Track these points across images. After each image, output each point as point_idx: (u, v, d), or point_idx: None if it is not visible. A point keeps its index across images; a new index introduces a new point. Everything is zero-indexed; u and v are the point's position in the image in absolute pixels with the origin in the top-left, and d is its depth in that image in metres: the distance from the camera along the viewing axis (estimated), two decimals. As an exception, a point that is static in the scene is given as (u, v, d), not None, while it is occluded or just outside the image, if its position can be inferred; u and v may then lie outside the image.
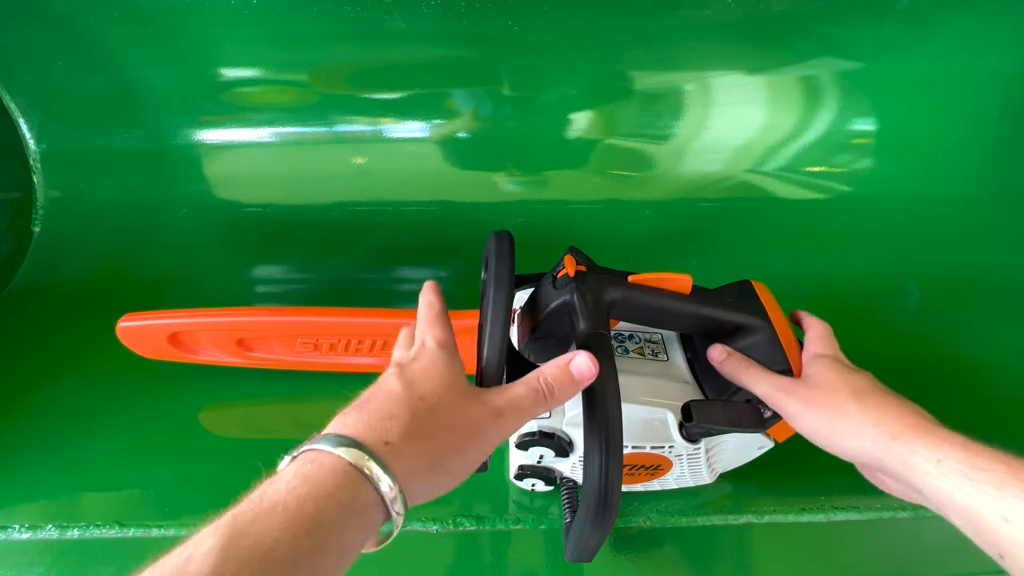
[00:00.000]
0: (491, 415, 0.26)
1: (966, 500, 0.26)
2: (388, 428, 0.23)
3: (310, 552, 0.19)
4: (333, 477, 0.21)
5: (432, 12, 0.61)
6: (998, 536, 0.25)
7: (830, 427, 0.32)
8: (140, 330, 0.50)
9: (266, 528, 0.19)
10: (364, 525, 0.21)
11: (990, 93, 0.71)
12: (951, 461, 0.27)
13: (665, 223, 0.72)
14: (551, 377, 0.28)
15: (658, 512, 0.45)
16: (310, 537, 0.19)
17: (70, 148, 0.69)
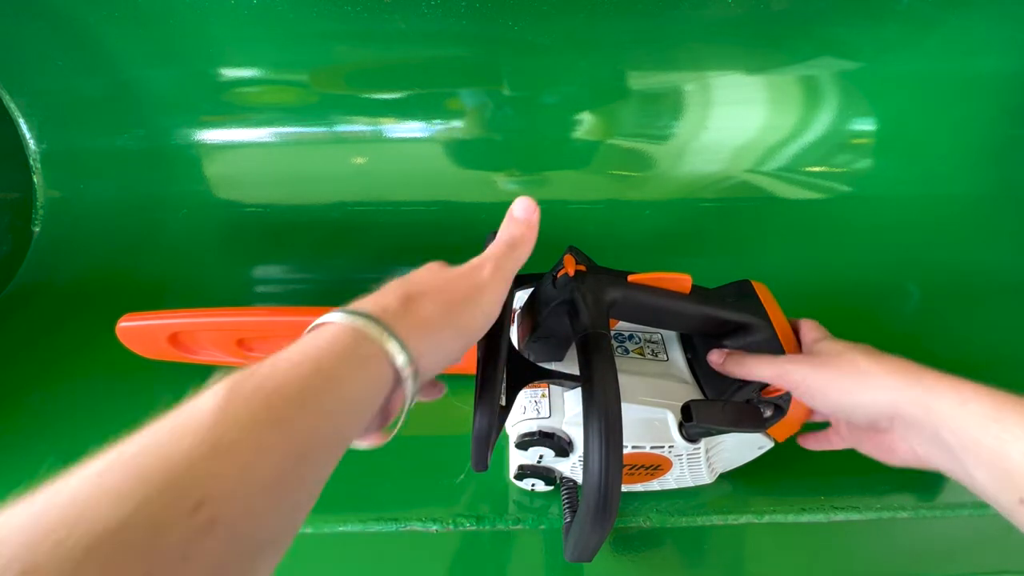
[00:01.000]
0: (478, 267, 0.28)
1: (992, 442, 0.26)
2: (384, 299, 0.24)
3: (318, 391, 0.19)
4: (333, 335, 0.21)
5: (432, 12, 0.61)
6: (1022, 477, 0.25)
7: (841, 385, 0.32)
8: (140, 330, 0.50)
9: (270, 373, 0.18)
10: (372, 376, 0.21)
11: (990, 93, 0.71)
12: (976, 403, 0.27)
13: (665, 223, 0.72)
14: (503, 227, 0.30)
15: (658, 512, 0.45)
16: (318, 376, 0.19)
17: (70, 148, 0.69)
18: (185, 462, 0.15)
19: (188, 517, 0.14)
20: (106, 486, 0.14)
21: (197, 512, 0.14)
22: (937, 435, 0.28)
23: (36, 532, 0.13)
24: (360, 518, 0.44)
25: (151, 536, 0.14)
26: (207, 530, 0.15)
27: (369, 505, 0.45)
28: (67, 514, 0.13)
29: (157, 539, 0.14)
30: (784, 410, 0.37)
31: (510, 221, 0.31)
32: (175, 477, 0.15)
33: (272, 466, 0.17)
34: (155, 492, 0.14)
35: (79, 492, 0.14)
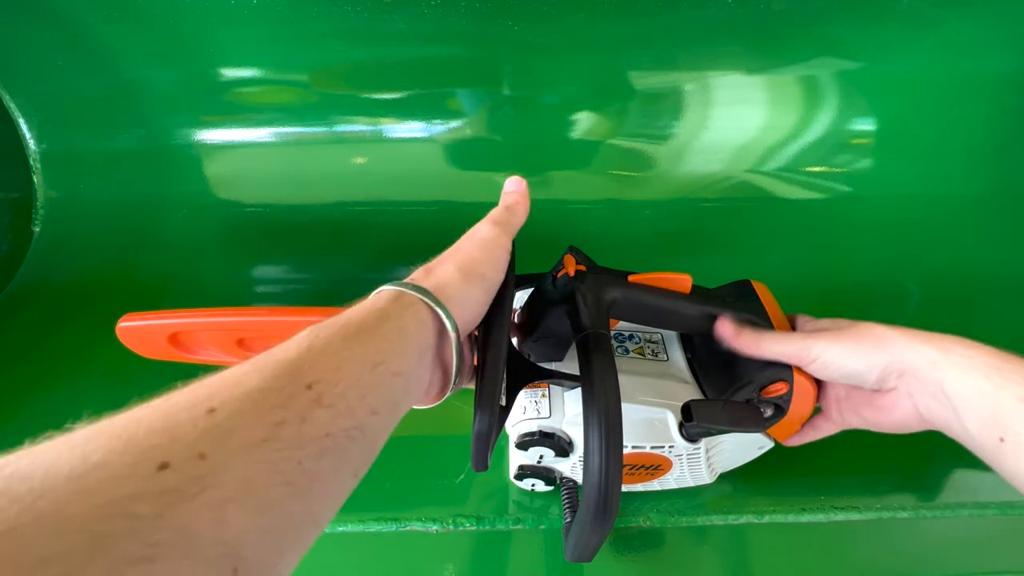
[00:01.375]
0: (479, 226, 0.33)
1: (989, 388, 0.28)
2: (414, 274, 0.30)
3: (377, 323, 0.24)
4: (378, 296, 0.27)
5: (432, 12, 0.61)
6: (1008, 416, 0.27)
7: (861, 349, 0.33)
8: (140, 330, 0.50)
9: (339, 316, 0.24)
10: (415, 316, 0.26)
11: (990, 93, 0.71)
12: (983, 357, 0.30)
13: (665, 223, 0.72)
14: (500, 199, 0.36)
15: (658, 512, 0.45)
16: (375, 315, 0.25)
17: (70, 148, 0.69)
18: (295, 360, 0.21)
19: (305, 391, 0.20)
20: (246, 371, 0.20)
21: (310, 389, 0.20)
22: (940, 388, 0.30)
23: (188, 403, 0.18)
24: (360, 518, 0.44)
25: (284, 399, 0.19)
26: (317, 401, 0.20)
27: (369, 505, 0.45)
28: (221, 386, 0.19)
29: (290, 400, 0.19)
30: (784, 410, 0.37)
31: (504, 193, 0.36)
32: (291, 368, 0.20)
33: (355, 367, 0.22)
34: (282, 374, 0.20)
35: (230, 374, 0.19)
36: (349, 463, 0.21)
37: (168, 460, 0.15)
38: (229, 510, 0.16)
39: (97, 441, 0.15)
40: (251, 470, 0.17)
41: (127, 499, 0.14)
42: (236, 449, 0.17)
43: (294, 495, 0.18)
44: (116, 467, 0.15)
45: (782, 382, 0.37)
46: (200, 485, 0.15)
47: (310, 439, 0.19)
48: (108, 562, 0.13)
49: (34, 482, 0.14)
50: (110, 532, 0.14)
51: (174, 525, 0.15)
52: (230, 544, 0.16)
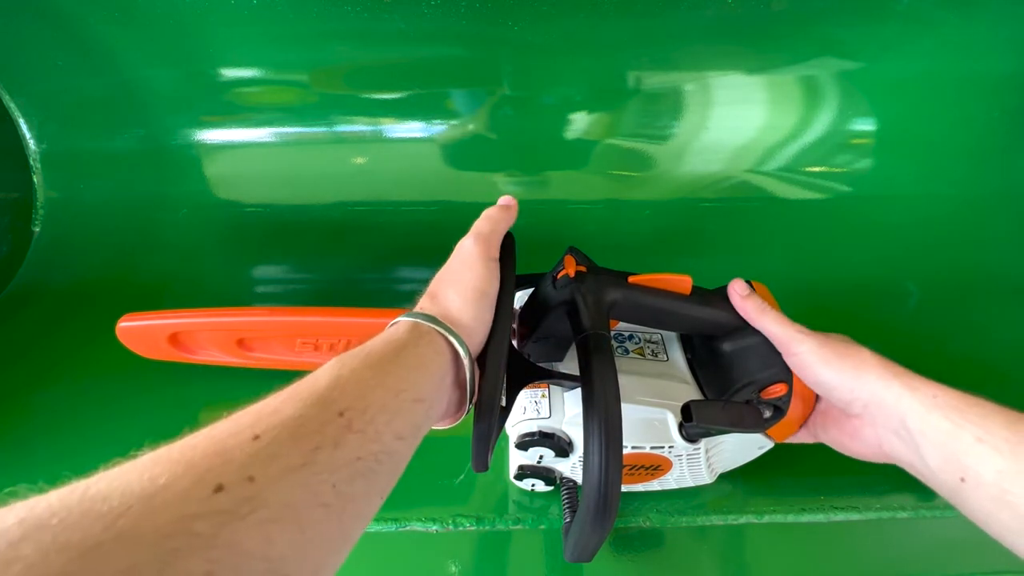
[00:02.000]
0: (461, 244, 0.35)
1: (948, 427, 0.29)
2: (422, 304, 0.32)
3: (398, 353, 0.26)
4: (396, 327, 0.29)
5: (432, 12, 0.61)
6: (968, 456, 0.28)
7: (839, 363, 0.34)
8: (140, 330, 0.50)
9: (363, 347, 0.26)
10: (431, 345, 0.28)
11: (990, 93, 0.71)
12: (946, 398, 0.30)
13: (665, 223, 0.72)
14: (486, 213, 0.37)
15: (658, 512, 0.45)
16: (394, 345, 0.27)
17: (70, 148, 0.69)
18: (326, 389, 0.22)
19: (337, 418, 0.21)
20: (283, 400, 0.21)
21: (342, 416, 0.22)
22: (903, 423, 0.31)
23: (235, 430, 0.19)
24: (360, 518, 0.44)
25: (318, 426, 0.21)
26: (348, 427, 0.21)
27: (369, 505, 0.45)
28: (261, 415, 0.20)
29: (324, 427, 0.21)
30: (783, 411, 0.37)
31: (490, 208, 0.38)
32: (324, 397, 0.22)
33: (381, 395, 0.24)
34: (315, 403, 0.22)
35: (268, 404, 0.21)
36: (377, 485, 0.22)
37: (222, 483, 0.17)
38: (274, 530, 0.17)
39: (161, 465, 0.17)
40: (292, 493, 0.18)
41: (189, 518, 0.16)
42: (279, 473, 0.18)
43: (330, 516, 0.19)
44: (178, 489, 0.16)
45: (781, 383, 0.37)
46: (250, 506, 0.17)
47: (343, 463, 0.20)
48: (175, 574, 0.15)
49: (113, 502, 0.15)
50: (176, 548, 0.15)
51: (228, 543, 0.16)
52: (275, 561, 0.17)
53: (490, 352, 0.31)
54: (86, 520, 0.14)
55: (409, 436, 0.24)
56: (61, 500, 0.15)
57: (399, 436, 0.24)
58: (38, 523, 0.14)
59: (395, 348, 0.26)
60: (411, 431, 0.25)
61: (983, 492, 0.28)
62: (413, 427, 0.25)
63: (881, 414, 0.33)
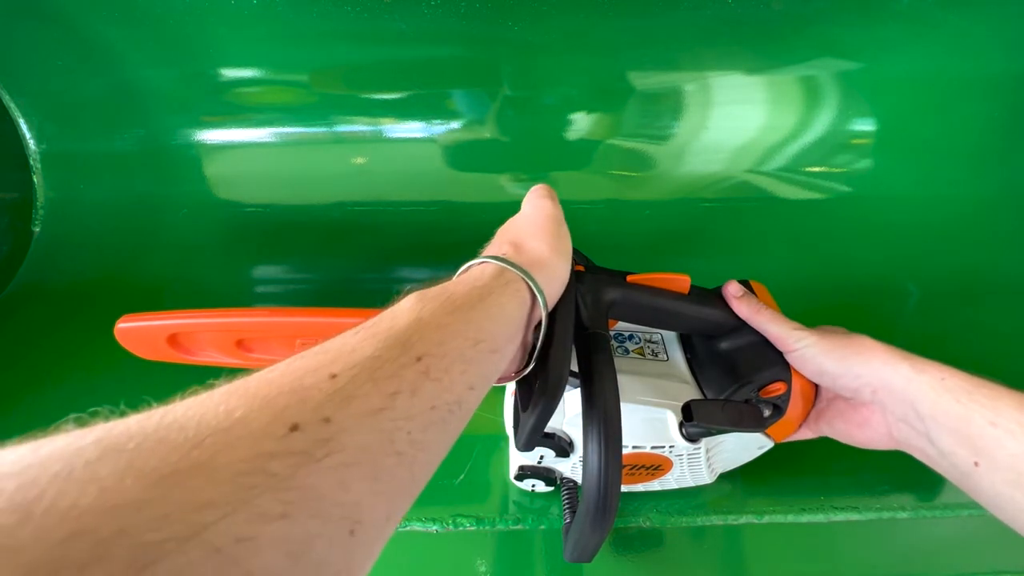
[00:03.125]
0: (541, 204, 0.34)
1: (960, 410, 0.29)
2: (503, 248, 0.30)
3: (481, 298, 0.25)
4: (481, 270, 0.28)
5: (432, 12, 0.61)
6: (981, 440, 0.28)
7: (841, 353, 0.34)
8: (139, 331, 0.50)
9: (444, 287, 0.25)
10: (515, 295, 0.27)
11: (990, 94, 0.71)
12: (955, 380, 0.30)
13: (665, 223, 0.72)
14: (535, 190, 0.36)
15: (658, 512, 0.45)
16: (479, 291, 0.26)
17: (70, 148, 0.69)
18: (406, 330, 0.21)
19: (415, 363, 0.20)
20: (361, 338, 0.21)
21: (419, 361, 0.21)
22: (912, 408, 0.31)
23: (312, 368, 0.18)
24: (360, 518, 0.44)
25: (397, 369, 0.20)
26: (426, 373, 0.20)
27: (369, 505, 0.45)
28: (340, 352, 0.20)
29: (402, 371, 0.20)
30: (783, 410, 0.37)
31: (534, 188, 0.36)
32: (403, 339, 0.21)
33: (459, 343, 0.23)
34: (394, 344, 0.21)
35: (346, 341, 0.21)
36: (447, 436, 0.22)
37: (298, 422, 0.16)
38: (349, 474, 0.17)
39: (237, 398, 0.16)
40: (369, 437, 0.18)
41: (265, 456, 0.15)
42: (356, 416, 0.18)
43: (403, 464, 0.19)
44: (255, 425, 0.16)
45: (781, 382, 0.37)
46: (325, 449, 0.16)
47: (419, 411, 0.20)
48: (251, 514, 0.14)
49: (189, 432, 0.15)
50: (252, 485, 0.14)
51: (303, 485, 0.15)
52: (348, 507, 0.16)
53: (558, 330, 0.30)
54: (162, 448, 0.14)
55: (480, 387, 0.24)
56: (139, 424, 0.15)
57: (471, 387, 0.23)
58: (115, 445, 0.14)
59: (479, 294, 0.25)
60: (482, 382, 0.24)
61: (998, 476, 0.28)
62: (484, 378, 0.24)
63: (890, 399, 0.33)
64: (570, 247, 0.32)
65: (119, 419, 0.15)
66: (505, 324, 0.26)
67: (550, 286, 0.29)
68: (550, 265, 0.29)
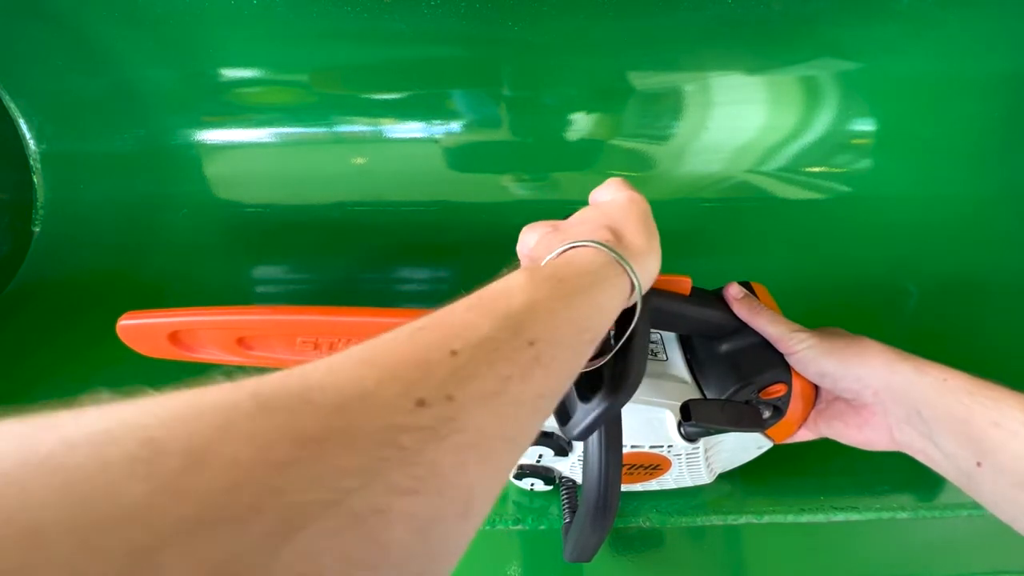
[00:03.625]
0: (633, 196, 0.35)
1: (962, 411, 0.29)
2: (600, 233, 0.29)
3: (589, 288, 0.24)
4: (592, 255, 0.27)
5: (432, 12, 0.61)
6: (984, 441, 0.28)
7: (842, 354, 0.34)
8: (141, 328, 0.50)
9: (555, 267, 0.25)
10: (619, 287, 0.26)
11: (990, 93, 0.71)
12: (957, 381, 0.30)
13: (665, 223, 0.71)
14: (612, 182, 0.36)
15: (657, 512, 0.45)
16: (589, 276, 0.25)
17: (70, 148, 0.69)
18: (520, 313, 0.21)
19: (527, 347, 0.20)
20: (476, 316, 0.20)
21: (532, 346, 0.20)
22: (915, 409, 0.31)
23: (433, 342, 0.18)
24: (360, 518, 0.44)
25: (511, 352, 0.19)
26: (537, 360, 0.20)
27: (369, 505, 0.45)
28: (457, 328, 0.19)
29: (516, 354, 0.19)
30: (783, 411, 0.37)
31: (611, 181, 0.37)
32: (517, 322, 0.20)
33: (568, 331, 0.22)
34: (508, 326, 0.20)
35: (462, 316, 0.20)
36: (541, 422, 0.21)
37: (424, 397, 0.16)
38: (467, 456, 0.16)
39: (368, 368, 0.16)
40: (485, 420, 0.17)
41: (396, 429, 0.15)
42: (476, 397, 0.17)
43: (510, 450, 0.19)
44: (386, 396, 0.15)
45: (781, 383, 0.37)
46: (449, 427, 0.16)
47: (528, 397, 0.19)
48: (386, 485, 0.14)
49: (327, 395, 0.15)
50: (386, 457, 0.14)
51: (429, 462, 0.15)
52: (464, 488, 0.16)
53: (639, 325, 0.30)
54: (308, 409, 0.14)
55: (575, 375, 0.23)
56: (283, 384, 0.15)
57: (570, 375, 0.22)
58: (267, 404, 0.14)
59: (589, 282, 0.25)
60: (578, 372, 0.24)
61: (1000, 478, 0.28)
62: (580, 368, 0.24)
63: (892, 401, 0.32)
64: (659, 242, 0.32)
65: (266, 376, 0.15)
66: (606, 314, 0.26)
67: (645, 279, 0.29)
68: (648, 258, 0.29)
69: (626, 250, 0.28)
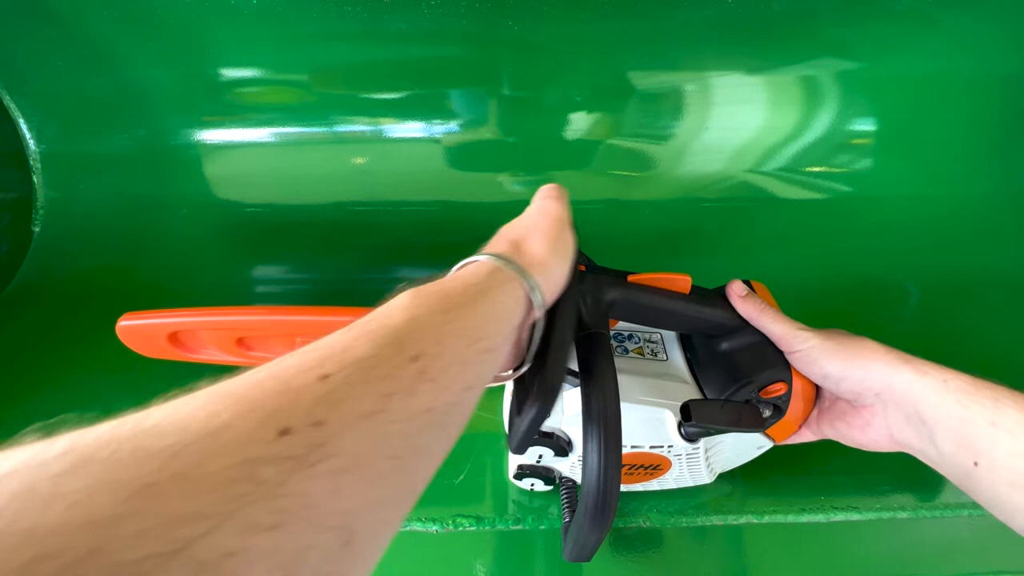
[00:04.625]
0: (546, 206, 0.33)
1: (962, 412, 0.29)
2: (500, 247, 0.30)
3: (476, 297, 0.24)
4: (477, 267, 0.27)
5: (432, 12, 0.61)
6: (981, 440, 0.28)
7: (844, 355, 0.34)
8: (140, 329, 0.50)
9: (441, 284, 0.25)
10: (511, 293, 0.26)
11: (990, 93, 0.71)
12: (957, 382, 0.30)
13: (665, 223, 0.72)
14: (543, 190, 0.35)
15: (657, 512, 0.45)
16: (474, 288, 0.25)
17: (70, 148, 0.69)
18: (401, 329, 0.21)
19: (411, 363, 0.20)
20: (354, 336, 0.20)
21: (416, 361, 0.20)
22: (915, 410, 0.31)
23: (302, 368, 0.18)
24: (360, 518, 0.44)
25: (392, 370, 0.19)
26: (422, 374, 0.20)
27: (369, 505, 0.45)
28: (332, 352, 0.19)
29: (398, 371, 0.19)
30: (783, 411, 0.37)
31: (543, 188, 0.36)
32: (397, 338, 0.20)
33: (455, 342, 0.22)
34: (388, 343, 0.20)
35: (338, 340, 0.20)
36: (446, 438, 0.21)
37: (289, 426, 0.15)
38: (344, 481, 0.16)
39: (222, 401, 0.15)
40: (363, 442, 0.17)
41: (254, 462, 0.14)
42: (350, 419, 0.17)
43: (399, 469, 0.18)
44: (242, 429, 0.15)
45: (781, 383, 0.37)
46: (319, 453, 0.15)
47: (416, 413, 0.19)
48: (240, 525, 0.13)
49: (169, 439, 0.14)
50: (240, 495, 0.14)
51: (296, 492, 0.15)
52: (343, 515, 0.16)
53: (556, 331, 0.30)
54: (139, 456, 0.13)
55: (478, 387, 0.23)
56: (112, 431, 0.14)
57: (469, 387, 0.22)
58: (85, 456, 0.13)
59: (475, 292, 0.25)
60: (480, 383, 0.23)
61: (997, 475, 0.28)
62: (482, 379, 0.24)
63: (893, 402, 0.33)
64: (572, 249, 0.32)
65: (90, 426, 0.14)
66: (501, 323, 0.25)
67: (547, 286, 0.28)
68: (548, 265, 0.29)
69: (524, 259, 0.28)
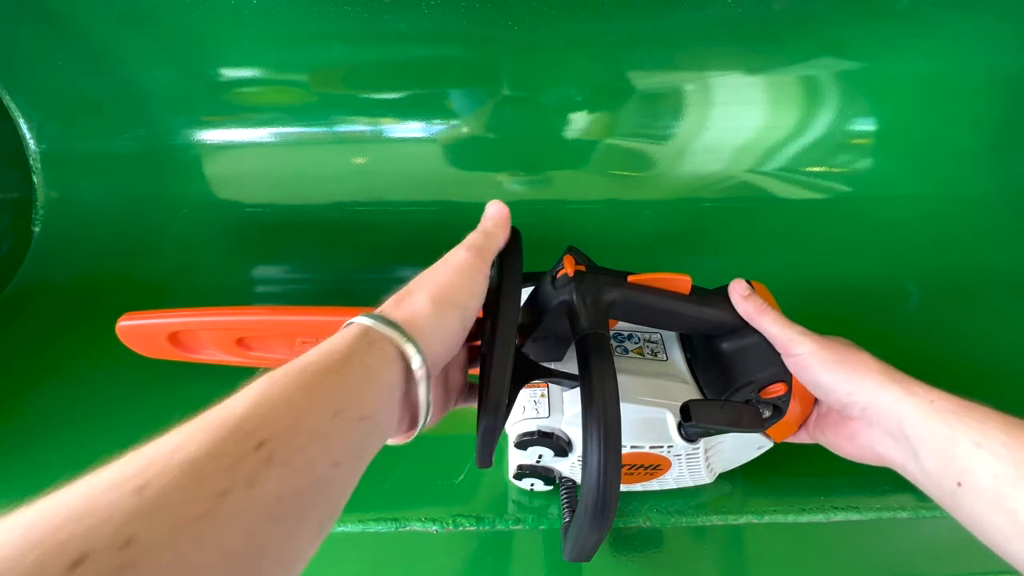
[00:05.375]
0: (454, 252, 0.32)
1: (946, 432, 0.29)
2: (383, 306, 0.29)
3: (340, 366, 0.23)
4: (345, 331, 0.26)
5: (432, 12, 0.61)
6: (966, 460, 0.28)
7: (838, 367, 0.34)
8: (140, 329, 0.50)
9: (303, 358, 0.23)
10: (381, 354, 0.25)
11: (990, 93, 0.71)
12: (943, 402, 0.30)
13: (665, 223, 0.72)
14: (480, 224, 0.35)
15: (657, 512, 0.45)
16: (337, 355, 0.24)
17: (70, 148, 0.70)
18: (243, 417, 0.19)
19: (254, 451, 0.18)
20: (192, 432, 0.19)
21: (260, 448, 0.19)
22: (899, 428, 0.31)
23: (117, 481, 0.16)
24: (360, 518, 0.44)
25: (229, 463, 0.18)
26: (268, 461, 0.18)
27: (369, 505, 0.45)
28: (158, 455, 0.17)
29: (236, 464, 0.18)
30: (783, 411, 0.37)
31: (484, 218, 0.36)
32: (238, 427, 0.19)
33: (313, 418, 0.21)
34: (228, 435, 0.19)
35: (171, 439, 0.18)
36: (308, 522, 0.20)
37: (87, 551, 0.14)
38: None
39: (11, 534, 0.14)
40: (188, 550, 0.16)
41: None
42: (169, 530, 0.16)
43: (243, 565, 0.17)
44: (26, 565, 0.14)
45: (781, 383, 0.37)
46: (130, 574, 0.14)
47: (259, 505, 0.18)
48: None
49: None
50: None
51: None
52: None
53: (498, 346, 0.30)
54: None
55: (350, 460, 0.22)
56: None
57: (336, 463, 0.21)
58: None
59: (339, 360, 0.23)
60: (352, 455, 0.22)
61: (979, 497, 0.28)
62: (355, 451, 0.22)
63: (878, 418, 0.33)
64: (468, 297, 0.30)
65: None
66: (371, 387, 0.24)
67: (428, 342, 0.26)
68: (427, 319, 0.27)
69: (400, 315, 0.27)
